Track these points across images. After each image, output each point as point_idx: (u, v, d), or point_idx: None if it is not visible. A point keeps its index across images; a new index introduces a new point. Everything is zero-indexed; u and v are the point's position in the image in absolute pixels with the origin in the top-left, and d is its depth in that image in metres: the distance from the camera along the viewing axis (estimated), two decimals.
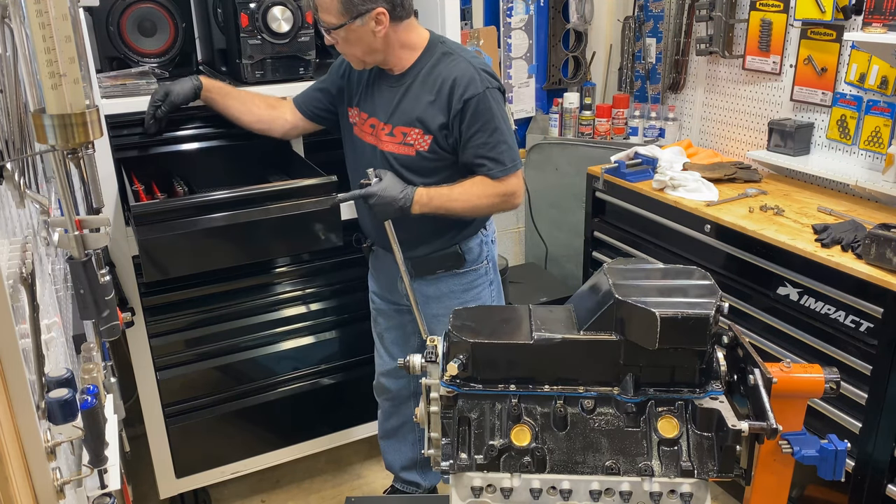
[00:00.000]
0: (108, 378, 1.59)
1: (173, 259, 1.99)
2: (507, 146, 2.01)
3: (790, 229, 2.37)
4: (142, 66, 2.36)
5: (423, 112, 2.01)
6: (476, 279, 2.24)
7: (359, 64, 2.05)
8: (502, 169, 2.01)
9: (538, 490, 1.28)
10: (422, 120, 2.01)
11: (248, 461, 2.62)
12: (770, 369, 1.24)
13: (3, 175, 1.04)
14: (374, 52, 2.00)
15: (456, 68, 1.98)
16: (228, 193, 2.02)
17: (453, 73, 1.98)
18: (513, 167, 2.03)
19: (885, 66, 2.49)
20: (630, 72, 3.55)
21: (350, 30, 1.93)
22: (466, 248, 2.19)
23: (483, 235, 2.23)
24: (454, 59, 2.01)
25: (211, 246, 2.03)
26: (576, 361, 1.28)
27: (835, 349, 2.18)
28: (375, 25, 1.92)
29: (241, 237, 2.05)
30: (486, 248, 2.24)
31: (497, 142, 1.99)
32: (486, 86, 1.97)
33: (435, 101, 1.99)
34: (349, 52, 2.01)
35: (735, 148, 3.18)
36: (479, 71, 1.98)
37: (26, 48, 1.05)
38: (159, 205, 1.99)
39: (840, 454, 1.21)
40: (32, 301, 1.05)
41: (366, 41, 1.96)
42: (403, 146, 2.05)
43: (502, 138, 2.00)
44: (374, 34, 1.94)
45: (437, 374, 1.31)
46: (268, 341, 2.53)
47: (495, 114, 1.98)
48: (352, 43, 1.97)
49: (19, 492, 0.90)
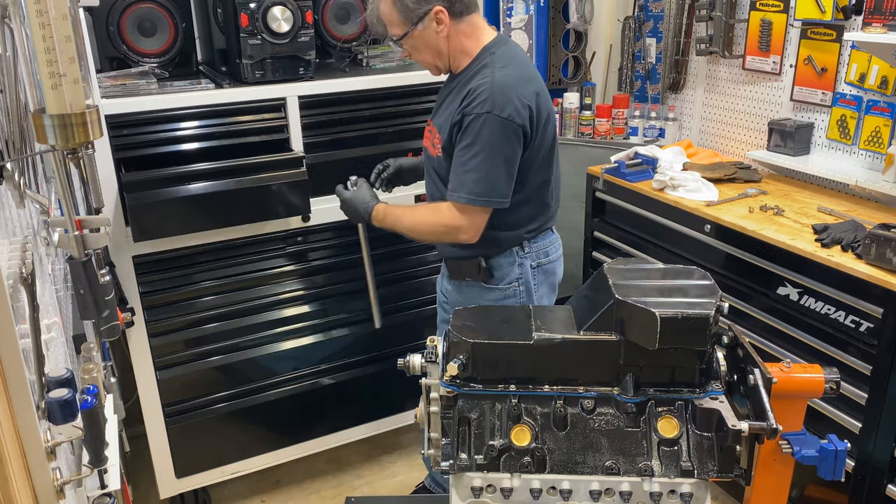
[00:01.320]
0: (108, 378, 1.59)
1: (160, 223, 2.20)
2: (478, 176, 1.89)
3: (790, 229, 2.37)
4: (142, 66, 2.36)
5: (445, 118, 2.01)
6: (503, 299, 2.14)
7: (434, 70, 2.08)
8: (459, 195, 1.91)
9: (538, 490, 1.28)
10: (441, 125, 2.03)
11: (248, 461, 2.62)
12: (770, 369, 1.24)
13: (3, 175, 1.04)
14: (443, 55, 2.01)
15: (480, 80, 1.91)
16: (207, 166, 2.23)
17: (475, 84, 1.92)
18: (470, 199, 1.91)
19: (885, 66, 2.49)
20: (630, 72, 3.55)
21: (414, 36, 1.96)
22: (494, 263, 2.11)
23: (519, 257, 2.10)
24: (485, 73, 1.93)
25: (193, 211, 2.23)
26: (576, 361, 1.28)
27: (835, 349, 2.18)
28: (437, 25, 1.94)
29: (220, 204, 2.26)
30: (520, 271, 2.11)
31: (471, 167, 1.90)
32: (489, 110, 1.86)
33: (455, 111, 1.97)
34: (422, 60, 2.05)
35: (735, 148, 3.18)
36: (497, 91, 1.88)
37: (26, 48, 1.05)
38: (147, 174, 2.17)
39: (840, 454, 1.21)
40: (32, 301, 1.05)
41: (432, 44, 1.98)
42: (431, 147, 2.10)
43: (478, 166, 1.89)
44: (438, 34, 1.95)
45: (437, 374, 1.31)
46: (268, 341, 2.53)
47: (484, 140, 1.88)
48: (420, 49, 2.00)
49: (19, 492, 0.90)
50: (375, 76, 2.50)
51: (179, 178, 2.19)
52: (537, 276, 2.16)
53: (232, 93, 2.29)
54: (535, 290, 2.16)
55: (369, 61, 2.63)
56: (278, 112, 2.35)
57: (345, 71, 2.55)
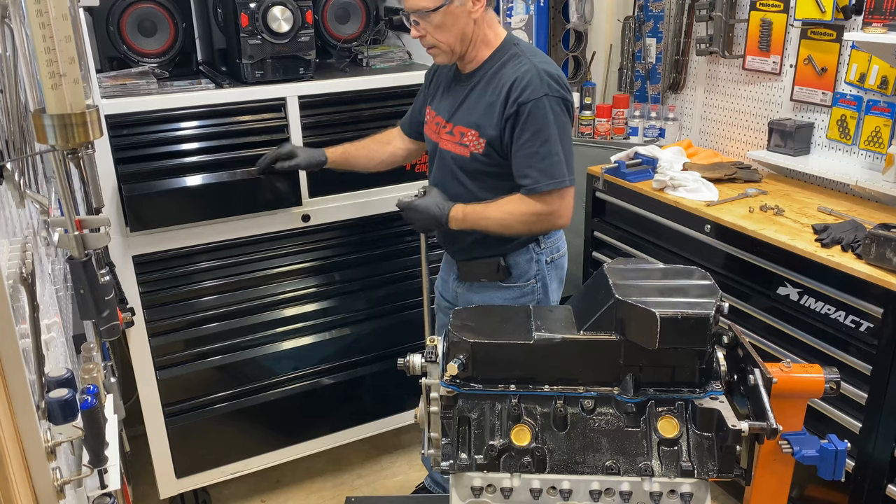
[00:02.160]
0: (108, 378, 1.59)
1: (155, 212, 2.24)
2: (557, 159, 1.90)
3: (790, 229, 2.37)
4: (142, 66, 2.36)
5: (482, 114, 1.96)
6: (520, 297, 2.14)
7: (449, 56, 1.99)
8: (548, 182, 1.91)
9: (538, 490, 1.28)
10: (479, 122, 1.96)
11: (248, 461, 2.62)
12: (770, 369, 1.24)
13: (3, 175, 1.04)
14: (465, 40, 1.94)
15: (519, 69, 1.90)
16: (201, 158, 2.27)
17: (515, 74, 1.90)
18: (559, 182, 1.92)
19: (885, 66, 2.49)
20: (630, 72, 3.55)
21: (448, 12, 1.88)
22: (513, 261, 2.10)
23: (535, 253, 2.11)
24: (520, 61, 1.93)
25: (186, 202, 2.27)
26: (576, 361, 1.28)
27: (835, 349, 2.18)
28: (473, 6, 1.89)
29: (213, 195, 2.29)
30: (537, 267, 2.12)
31: (547, 153, 1.89)
32: (546, 92, 1.87)
33: (494, 103, 1.93)
34: (442, 41, 1.93)
35: (735, 148, 3.18)
36: (542, 74, 1.89)
37: (26, 48, 1.05)
38: (143, 166, 2.21)
39: (840, 454, 1.21)
40: (32, 301, 1.05)
41: (461, 24, 1.91)
42: (460, 146, 2.02)
43: (553, 150, 1.90)
44: (470, 14, 1.90)
45: (437, 374, 1.31)
46: (268, 341, 2.53)
47: (550, 123, 1.88)
48: (447, 28, 1.91)
49: (19, 492, 0.90)
50: (375, 76, 2.50)
51: (174, 171, 2.23)
52: (550, 272, 2.17)
53: (232, 93, 2.29)
54: (549, 286, 2.17)
55: (369, 61, 2.63)
56: (278, 112, 2.35)
57: (345, 71, 2.55)
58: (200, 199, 2.27)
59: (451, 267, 2.28)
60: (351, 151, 2.30)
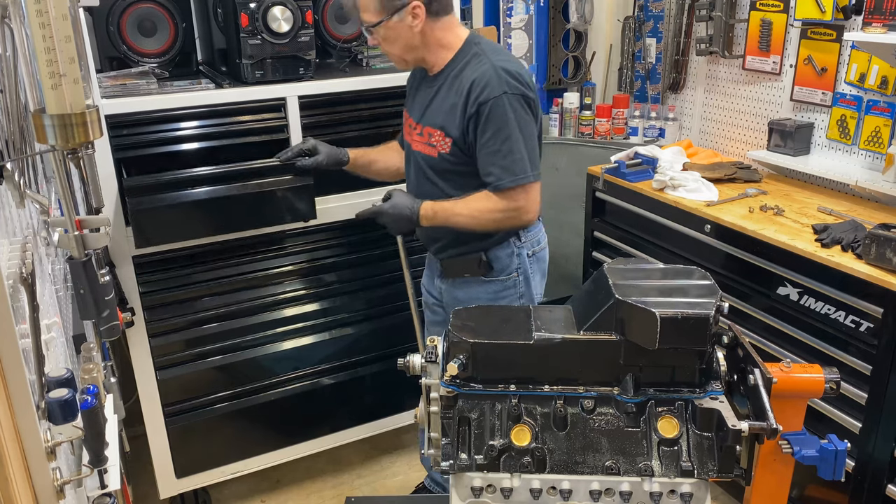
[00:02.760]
0: (108, 378, 1.59)
1: (161, 228, 2.20)
2: (519, 156, 1.94)
3: (790, 229, 2.37)
4: (142, 66, 2.36)
5: (446, 115, 2.00)
6: (502, 290, 2.17)
7: (401, 63, 2.08)
8: (512, 178, 1.94)
9: (538, 490, 1.28)
10: (444, 123, 2.01)
11: (248, 461, 2.62)
12: (770, 369, 1.24)
13: (3, 175, 1.04)
14: (413, 50, 2.01)
15: (479, 69, 1.94)
16: (211, 170, 2.23)
17: (474, 74, 1.94)
18: (522, 178, 1.95)
19: (885, 66, 2.49)
20: (630, 72, 3.55)
21: (388, 27, 1.96)
22: (493, 256, 2.13)
23: (516, 247, 2.14)
24: (481, 60, 1.97)
25: (195, 216, 2.23)
26: (576, 361, 1.28)
27: (835, 349, 2.18)
28: (412, 20, 1.94)
29: (223, 209, 2.25)
30: (518, 261, 2.15)
31: (508, 150, 1.93)
32: (505, 90, 1.91)
33: (455, 104, 1.98)
34: (390, 52, 2.04)
35: (735, 148, 3.18)
36: (500, 73, 1.92)
37: (26, 48, 1.05)
38: (149, 179, 2.17)
39: (840, 454, 1.21)
40: (32, 301, 1.05)
41: (404, 38, 1.98)
42: (428, 146, 2.07)
43: (515, 147, 1.93)
44: (412, 29, 1.96)
45: (437, 374, 1.31)
46: (268, 341, 2.53)
47: (510, 120, 1.92)
48: (391, 41, 2.00)
49: (19, 492, 0.90)
50: (375, 76, 2.50)
51: (182, 183, 2.19)
52: (532, 265, 2.19)
53: (232, 93, 2.29)
54: (532, 279, 2.20)
55: (369, 61, 2.63)
56: (278, 112, 2.35)
57: (345, 71, 2.55)
58: (211, 214, 2.24)
59: (434, 265, 2.31)
60: (372, 155, 2.33)
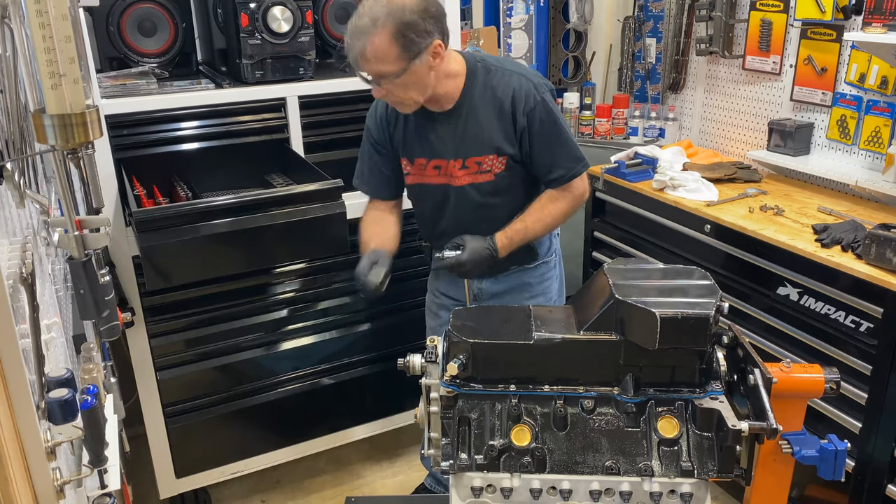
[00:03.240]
0: (108, 378, 1.59)
1: (176, 266, 1.99)
2: (574, 144, 2.02)
3: (790, 229, 2.37)
4: (142, 66, 2.36)
5: (492, 136, 1.96)
6: (547, 272, 2.22)
7: (412, 107, 1.92)
8: (582, 164, 2.01)
9: (538, 490, 1.28)
10: (493, 144, 1.96)
11: (248, 461, 2.62)
12: (770, 369, 1.24)
13: (3, 175, 1.04)
14: (428, 89, 1.87)
15: (511, 83, 1.94)
16: (232, 199, 2.02)
17: (509, 88, 1.93)
18: (586, 163, 2.03)
19: (885, 66, 2.49)
20: (630, 72, 3.55)
21: (410, 72, 1.79)
22: (538, 241, 2.16)
23: None
24: (502, 75, 1.95)
25: (214, 252, 2.02)
26: (576, 361, 1.28)
27: (835, 349, 2.18)
28: (433, 60, 1.81)
29: (245, 243, 2.05)
30: (554, 241, 2.24)
31: (567, 140, 1.99)
32: (543, 92, 1.95)
33: (499, 121, 1.94)
34: (405, 98, 1.87)
35: (735, 148, 3.18)
36: (530, 78, 1.96)
37: (26, 48, 1.05)
38: (162, 210, 1.96)
39: (840, 454, 1.21)
40: (32, 301, 1.05)
41: (424, 80, 1.83)
42: (481, 174, 2.01)
43: (569, 136, 2.01)
44: (431, 69, 1.82)
45: (437, 374, 1.31)
46: (268, 341, 2.53)
47: (558, 116, 1.98)
48: (409, 86, 1.83)
49: (19, 492, 0.90)
50: None
51: (199, 214, 1.96)
52: (556, 243, 2.26)
53: (232, 93, 2.29)
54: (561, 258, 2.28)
55: None
56: (278, 112, 2.35)
57: (345, 71, 2.54)
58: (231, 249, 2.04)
59: None
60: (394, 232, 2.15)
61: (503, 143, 1.96)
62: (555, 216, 2.05)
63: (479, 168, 2.00)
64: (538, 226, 2.04)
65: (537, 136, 1.95)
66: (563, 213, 2.06)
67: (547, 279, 2.23)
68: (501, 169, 2.00)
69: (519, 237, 2.03)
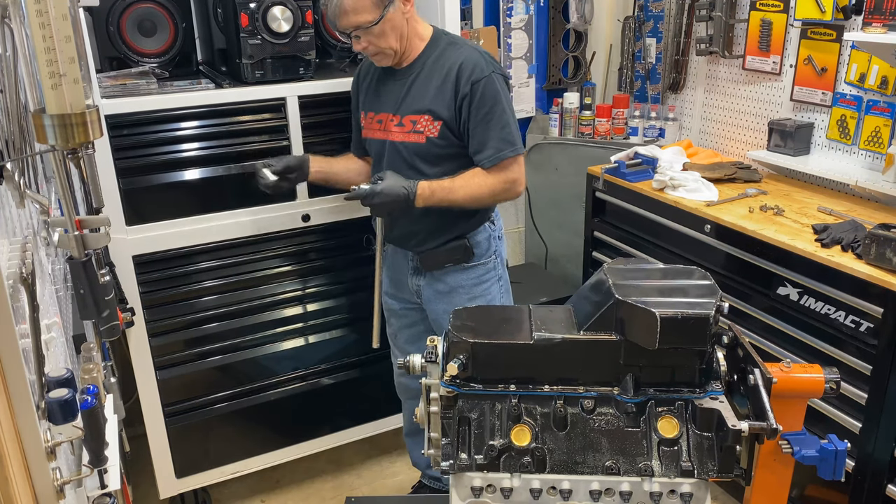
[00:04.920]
0: (108, 378, 1.59)
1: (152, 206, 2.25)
2: (511, 129, 2.05)
3: (790, 229, 2.37)
4: (142, 66, 2.36)
5: (432, 98, 2.05)
6: (485, 274, 2.25)
7: (390, 58, 2.07)
8: (511, 149, 2.04)
9: (538, 490, 1.28)
10: (430, 106, 2.05)
11: (248, 461, 2.62)
12: (770, 369, 1.24)
13: (3, 175, 1.04)
14: (404, 38, 2.05)
15: (462, 54, 2.04)
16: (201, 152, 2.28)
17: (460, 58, 2.04)
18: (519, 149, 2.07)
19: (885, 66, 2.49)
20: (630, 72, 3.55)
21: (386, 20, 1.98)
22: (474, 241, 2.20)
23: (490, 230, 2.24)
24: (460, 48, 2.07)
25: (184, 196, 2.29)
26: (576, 361, 1.28)
27: (835, 349, 2.18)
28: (405, 5, 2.01)
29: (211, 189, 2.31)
30: (494, 244, 2.26)
31: (505, 123, 2.04)
32: (493, 70, 2.03)
33: (443, 86, 2.03)
34: (385, 47, 2.03)
35: (735, 148, 3.18)
36: (484, 56, 2.05)
37: (26, 48, 1.05)
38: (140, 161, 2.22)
39: (840, 454, 1.21)
40: (32, 301, 1.05)
41: (398, 27, 2.01)
42: (413, 134, 2.09)
43: (509, 120, 2.05)
44: (404, 16, 2.01)
45: (437, 374, 1.31)
46: (268, 341, 2.53)
47: (501, 96, 2.03)
48: (387, 34, 2.01)
49: (19, 492, 0.90)
50: None
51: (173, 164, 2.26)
52: (500, 247, 2.29)
53: (232, 93, 2.29)
54: (503, 260, 2.30)
55: None
56: (278, 112, 2.35)
57: (345, 71, 2.55)
58: (198, 193, 2.29)
59: (404, 265, 2.30)
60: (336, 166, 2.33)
61: (440, 106, 2.04)
62: (482, 190, 2.06)
63: (413, 127, 2.08)
64: (463, 192, 2.05)
65: (476, 110, 2.01)
66: (491, 192, 2.08)
67: (485, 281, 2.25)
68: (434, 134, 2.06)
69: (442, 193, 2.05)
